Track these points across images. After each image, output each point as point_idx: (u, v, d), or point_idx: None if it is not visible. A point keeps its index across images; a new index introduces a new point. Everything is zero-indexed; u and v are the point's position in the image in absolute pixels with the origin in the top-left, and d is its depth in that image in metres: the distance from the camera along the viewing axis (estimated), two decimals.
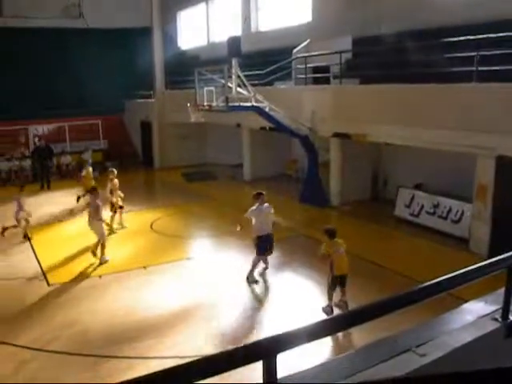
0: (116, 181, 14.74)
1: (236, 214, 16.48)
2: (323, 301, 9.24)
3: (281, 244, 12.82)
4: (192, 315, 9.42)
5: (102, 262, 11.97)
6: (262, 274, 11.04)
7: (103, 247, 12.11)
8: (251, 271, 10.76)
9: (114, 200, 14.38)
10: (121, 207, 14.61)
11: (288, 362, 2.74)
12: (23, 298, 10.34)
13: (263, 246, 10.80)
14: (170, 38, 28.84)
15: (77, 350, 8.20)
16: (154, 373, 1.99)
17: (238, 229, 10.99)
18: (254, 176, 20.83)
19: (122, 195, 14.76)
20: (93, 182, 16.34)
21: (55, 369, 7.79)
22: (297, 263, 11.82)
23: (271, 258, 11.49)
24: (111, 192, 14.55)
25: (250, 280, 10.68)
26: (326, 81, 17.55)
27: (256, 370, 2.33)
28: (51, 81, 24.43)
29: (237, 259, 12.23)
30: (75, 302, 10.11)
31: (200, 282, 10.95)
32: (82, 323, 9.15)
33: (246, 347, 2.22)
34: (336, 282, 9.04)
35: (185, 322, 9.16)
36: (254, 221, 10.72)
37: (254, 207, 10.80)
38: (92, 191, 12.49)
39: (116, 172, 15.02)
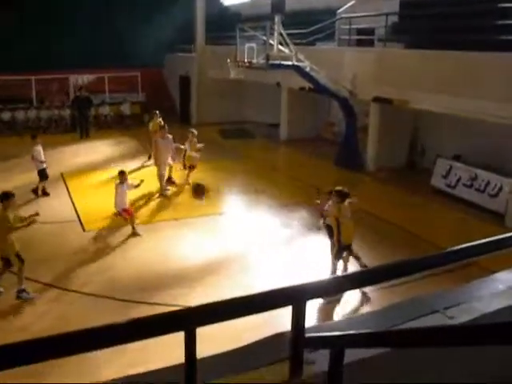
0: (195, 140, 14.77)
1: (270, 172, 16.68)
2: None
3: (310, 206, 12.87)
4: (223, 268, 9.60)
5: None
6: None
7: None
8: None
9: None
10: (193, 167, 14.79)
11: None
12: (59, 241, 10.68)
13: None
14: None
15: (109, 295, 8.48)
16: (197, 306, 2.06)
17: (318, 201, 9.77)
18: (290, 136, 20.73)
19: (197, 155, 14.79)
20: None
21: (86, 310, 8.08)
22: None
23: (299, 219, 11.61)
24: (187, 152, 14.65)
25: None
26: (370, 43, 17.18)
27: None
28: (93, 31, 24.44)
29: (267, 218, 12.33)
30: (109, 249, 10.40)
31: (231, 236, 11.11)
32: (116, 269, 9.43)
33: (278, 290, 2.27)
34: (342, 253, 8.68)
35: (215, 273, 9.34)
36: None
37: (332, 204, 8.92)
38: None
39: (196, 133, 14.99)
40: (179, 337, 2.15)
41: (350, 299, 8.16)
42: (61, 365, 3.22)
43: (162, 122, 16.54)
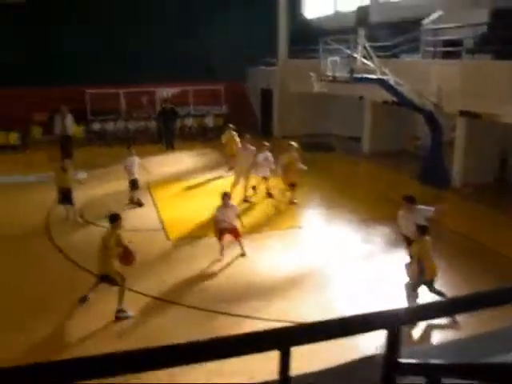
0: (296, 155, 14.04)
1: (350, 186, 16.51)
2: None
3: (392, 223, 12.59)
4: (302, 282, 9.57)
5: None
6: None
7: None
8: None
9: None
10: (292, 184, 14.08)
11: None
12: (145, 249, 11.02)
13: None
14: (294, 5, 28.62)
15: (189, 304, 8.67)
16: (293, 326, 2.07)
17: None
18: (372, 150, 20.43)
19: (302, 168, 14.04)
20: (235, 146, 16.66)
21: (168, 318, 8.30)
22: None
23: (380, 235, 11.43)
24: (286, 167, 13.90)
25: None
26: (457, 55, 16.67)
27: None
28: (178, 46, 25.19)
29: (347, 233, 12.20)
30: (191, 258, 10.63)
31: (311, 251, 11.07)
32: (196, 279, 9.62)
33: (375, 314, 2.23)
34: (419, 286, 8.11)
35: (295, 288, 9.33)
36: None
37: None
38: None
39: (296, 146, 14.34)
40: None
41: (437, 322, 7.89)
42: None
43: (236, 135, 16.95)
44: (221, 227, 10.51)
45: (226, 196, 10.66)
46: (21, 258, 10.70)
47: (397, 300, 8.57)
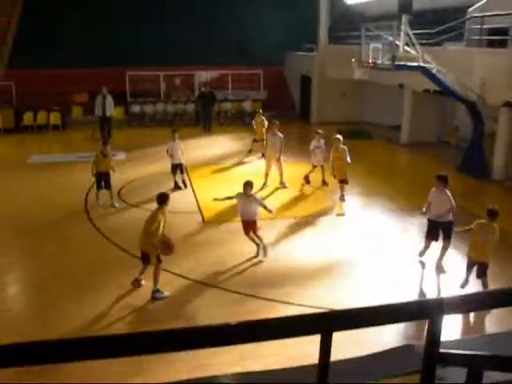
0: (342, 148, 13.32)
1: (388, 175, 16.34)
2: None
3: None
4: (336, 269, 9.57)
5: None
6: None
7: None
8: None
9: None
10: (343, 181, 13.33)
11: None
12: (181, 231, 11.17)
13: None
14: None
15: (223, 286, 8.76)
16: (337, 311, 2.08)
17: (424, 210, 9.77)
18: (411, 140, 20.13)
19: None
20: (263, 131, 16.80)
21: (202, 299, 8.42)
22: None
23: (417, 226, 11.30)
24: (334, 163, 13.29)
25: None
26: (502, 44, 16.23)
27: None
28: (218, 30, 25.20)
29: (383, 220, 12.11)
30: (226, 242, 10.72)
31: (347, 238, 11.03)
32: (230, 262, 9.69)
33: (417, 303, 2.23)
34: (470, 267, 8.27)
35: (328, 274, 9.33)
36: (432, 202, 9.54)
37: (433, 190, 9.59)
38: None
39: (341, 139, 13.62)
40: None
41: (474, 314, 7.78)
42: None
43: (265, 121, 17.00)
44: (242, 220, 10.00)
45: (247, 186, 9.83)
46: (61, 239, 10.94)
47: (434, 289, 8.51)
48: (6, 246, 10.57)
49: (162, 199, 8.62)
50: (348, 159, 13.27)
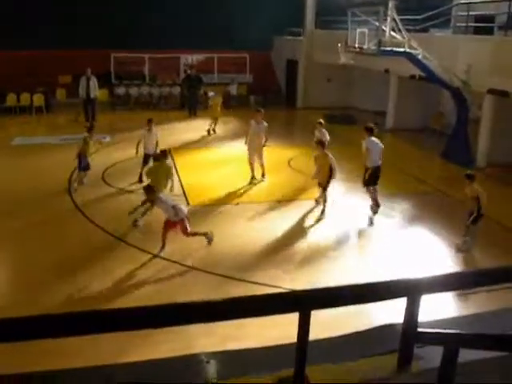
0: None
1: None
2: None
3: (414, 198, 12.58)
4: (318, 253, 9.61)
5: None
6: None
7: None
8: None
9: None
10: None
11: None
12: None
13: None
14: None
15: (209, 270, 8.76)
16: (315, 289, 2.10)
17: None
18: (396, 125, 20.20)
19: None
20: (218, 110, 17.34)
21: (187, 282, 8.42)
22: (427, 219, 11.42)
23: (401, 212, 11.35)
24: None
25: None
26: (488, 31, 16.29)
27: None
28: (203, 13, 24.94)
29: (367, 206, 12.16)
30: (211, 225, 10.68)
31: (330, 222, 11.07)
32: (216, 245, 9.69)
33: (394, 282, 2.25)
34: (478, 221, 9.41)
35: (313, 258, 9.38)
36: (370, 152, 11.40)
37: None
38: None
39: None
40: (273, 318, 2.19)
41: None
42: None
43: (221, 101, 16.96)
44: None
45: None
46: (44, 218, 10.90)
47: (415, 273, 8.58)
48: None
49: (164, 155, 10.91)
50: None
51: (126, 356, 6.06)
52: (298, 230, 10.57)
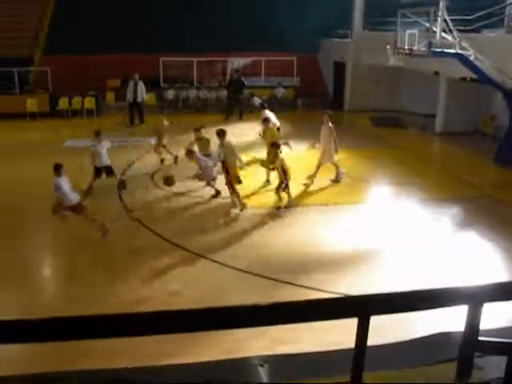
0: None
1: (421, 164, 16.07)
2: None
3: (464, 203, 12.28)
4: (366, 258, 9.47)
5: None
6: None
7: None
8: None
9: None
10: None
11: None
12: (212, 214, 11.26)
13: None
14: None
15: (255, 272, 8.76)
16: (374, 294, 2.06)
17: None
18: (445, 128, 19.75)
19: None
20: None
21: (234, 283, 8.44)
22: (479, 225, 11.09)
23: (449, 216, 11.14)
24: None
25: None
26: None
27: None
28: (251, 17, 25.05)
29: (416, 210, 11.95)
30: (259, 228, 10.74)
31: (377, 227, 10.90)
32: (263, 248, 9.70)
33: (457, 289, 2.19)
34: None
35: (359, 263, 9.25)
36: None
37: None
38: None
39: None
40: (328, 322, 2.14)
41: None
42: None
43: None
44: None
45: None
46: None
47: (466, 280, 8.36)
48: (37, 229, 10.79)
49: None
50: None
51: (170, 359, 6.01)
52: (345, 234, 10.43)
